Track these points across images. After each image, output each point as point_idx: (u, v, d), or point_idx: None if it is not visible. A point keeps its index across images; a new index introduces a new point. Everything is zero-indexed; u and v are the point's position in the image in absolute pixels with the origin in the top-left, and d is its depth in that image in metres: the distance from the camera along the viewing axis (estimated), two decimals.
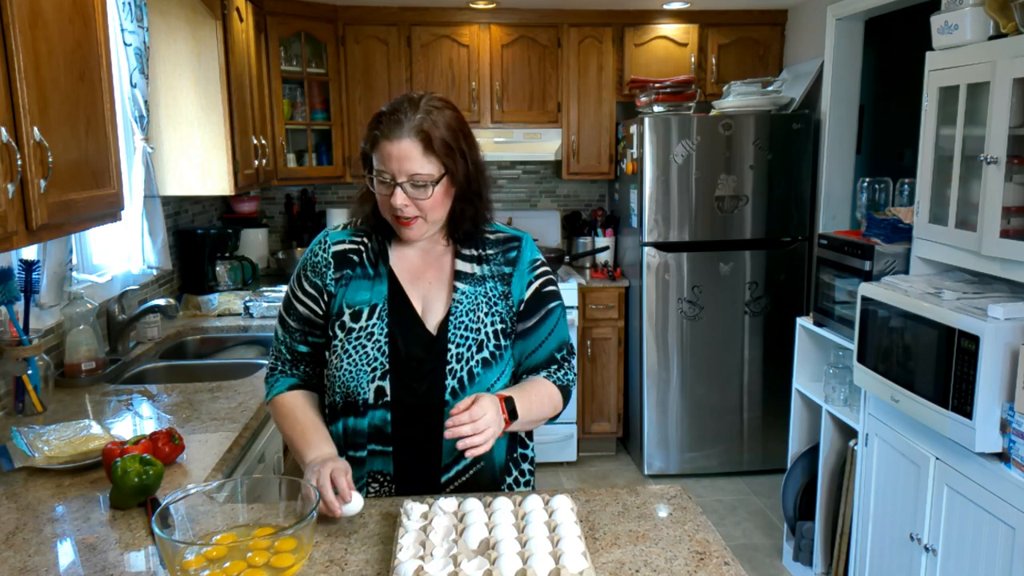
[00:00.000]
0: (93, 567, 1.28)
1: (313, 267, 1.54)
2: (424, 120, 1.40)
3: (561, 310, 1.59)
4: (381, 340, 1.48)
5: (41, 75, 1.54)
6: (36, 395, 2.03)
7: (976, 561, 2.09)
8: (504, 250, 1.56)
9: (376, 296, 1.51)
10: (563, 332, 1.59)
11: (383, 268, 1.53)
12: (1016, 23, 2.00)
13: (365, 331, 1.48)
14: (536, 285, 1.56)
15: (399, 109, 1.42)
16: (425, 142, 1.40)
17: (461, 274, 1.53)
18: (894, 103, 4.06)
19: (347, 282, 1.52)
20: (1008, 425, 1.96)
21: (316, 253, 1.56)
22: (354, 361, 1.47)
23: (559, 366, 1.57)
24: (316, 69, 4.01)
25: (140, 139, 2.74)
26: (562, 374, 1.57)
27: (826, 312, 2.89)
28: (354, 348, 1.48)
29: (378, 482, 1.52)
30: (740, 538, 3.42)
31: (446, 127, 1.42)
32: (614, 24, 4.14)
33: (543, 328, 1.56)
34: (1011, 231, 2.06)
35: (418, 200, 1.43)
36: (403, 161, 1.40)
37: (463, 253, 1.55)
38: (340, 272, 1.53)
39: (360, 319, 1.49)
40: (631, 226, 3.99)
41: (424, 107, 1.42)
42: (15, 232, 1.47)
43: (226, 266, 3.55)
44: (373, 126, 1.44)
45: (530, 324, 1.55)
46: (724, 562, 1.26)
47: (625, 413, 4.24)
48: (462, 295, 1.51)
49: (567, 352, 1.59)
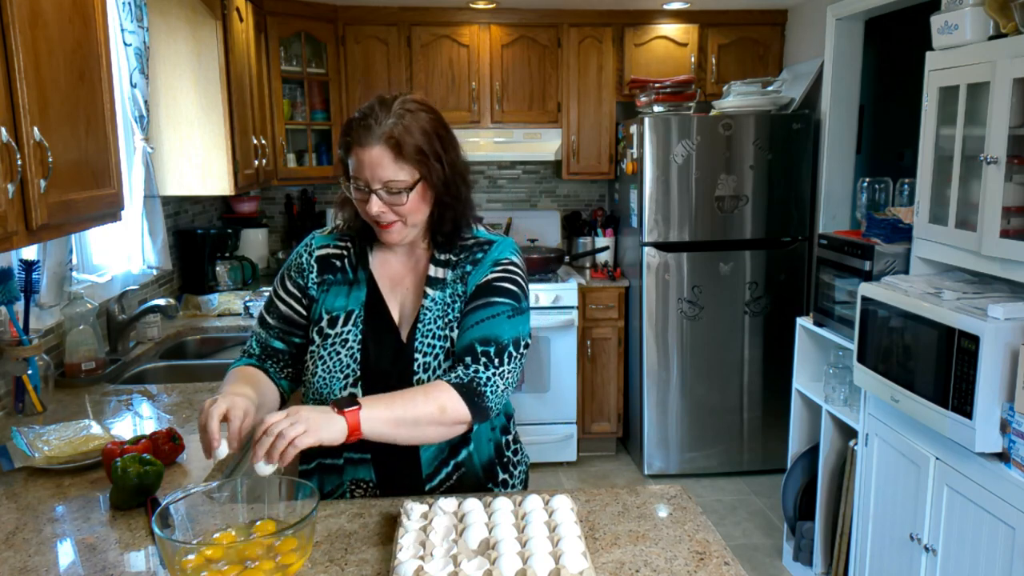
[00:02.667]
0: (93, 567, 1.28)
1: (297, 268, 1.54)
2: (395, 126, 1.35)
3: (510, 311, 1.45)
4: (354, 347, 1.46)
5: (41, 75, 1.54)
6: (36, 395, 2.03)
7: (976, 561, 2.09)
8: (473, 252, 1.51)
9: (353, 302, 1.50)
10: (498, 329, 1.43)
11: (363, 274, 1.52)
12: (1016, 23, 2.00)
13: (340, 337, 1.47)
14: (490, 276, 1.47)
15: (369, 114, 1.37)
16: (395, 149, 1.35)
17: (433, 280, 1.50)
18: (894, 103, 4.06)
19: (328, 287, 1.52)
20: (1008, 425, 1.96)
21: (301, 255, 1.55)
22: (328, 368, 1.47)
23: (475, 359, 1.40)
24: (316, 69, 4.01)
25: (140, 139, 2.74)
26: (472, 371, 1.39)
27: (826, 312, 2.89)
28: (328, 354, 1.47)
29: (362, 488, 1.51)
30: (740, 538, 3.42)
31: (420, 131, 1.37)
32: (614, 24, 4.14)
33: (474, 315, 1.44)
34: (1011, 231, 2.06)
35: (394, 206, 1.40)
36: (375, 168, 1.36)
37: (437, 258, 1.51)
38: (322, 277, 1.52)
39: (336, 325, 1.48)
40: (631, 226, 3.99)
41: (396, 111, 1.37)
42: (15, 232, 1.47)
43: (226, 266, 3.55)
44: (345, 131, 1.40)
45: (466, 310, 1.46)
46: (724, 562, 1.26)
47: (625, 413, 4.24)
48: (431, 302, 1.48)
49: (495, 351, 1.41)
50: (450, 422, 1.38)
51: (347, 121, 1.42)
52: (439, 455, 1.49)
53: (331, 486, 1.53)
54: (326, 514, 1.41)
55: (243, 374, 1.49)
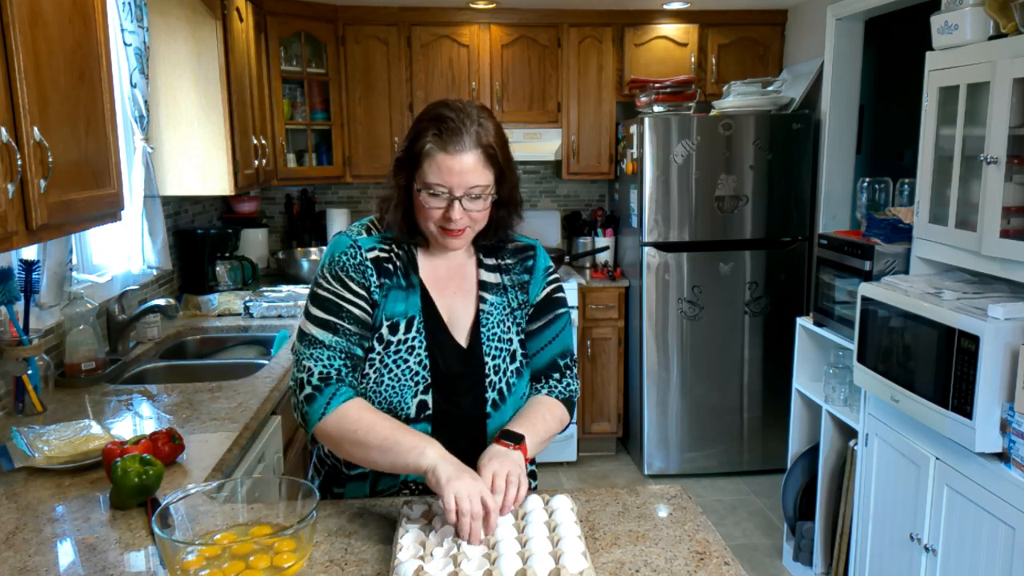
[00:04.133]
0: (93, 567, 1.28)
1: (356, 269, 1.43)
2: (481, 132, 1.36)
3: (568, 318, 1.59)
4: (422, 354, 1.44)
5: (41, 75, 1.54)
6: (36, 395, 2.03)
7: (976, 561, 2.09)
8: (522, 259, 1.56)
9: (411, 308, 1.46)
10: (568, 340, 1.58)
11: (415, 278, 1.48)
12: (1016, 23, 2.00)
13: (405, 344, 1.44)
14: (548, 290, 1.57)
15: (455, 118, 1.35)
16: (487, 154, 1.37)
17: (486, 284, 1.51)
18: (894, 103, 4.06)
19: (387, 292, 1.45)
20: (1008, 425, 1.96)
21: (354, 256, 1.44)
22: (396, 376, 1.43)
23: (562, 374, 1.55)
24: (316, 69, 4.01)
25: (140, 139, 2.74)
26: (564, 385, 1.55)
27: (826, 312, 2.89)
28: (394, 362, 1.43)
29: (409, 489, 1.51)
30: (740, 538, 3.42)
31: (497, 138, 1.39)
32: (614, 24, 4.14)
33: (549, 331, 1.55)
34: (1011, 231, 2.06)
35: (471, 212, 1.39)
36: (466, 175, 1.35)
37: (485, 263, 1.53)
38: (380, 280, 1.45)
39: (398, 331, 1.44)
40: (631, 226, 3.99)
41: (475, 117, 1.37)
42: (15, 232, 1.47)
43: (226, 266, 3.55)
44: (424, 134, 1.36)
45: (537, 326, 1.55)
46: (724, 562, 1.26)
47: (625, 413, 4.24)
48: (490, 306, 1.50)
49: (571, 360, 1.58)
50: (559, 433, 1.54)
51: (426, 122, 1.38)
52: None
53: (384, 485, 1.51)
54: (326, 514, 1.41)
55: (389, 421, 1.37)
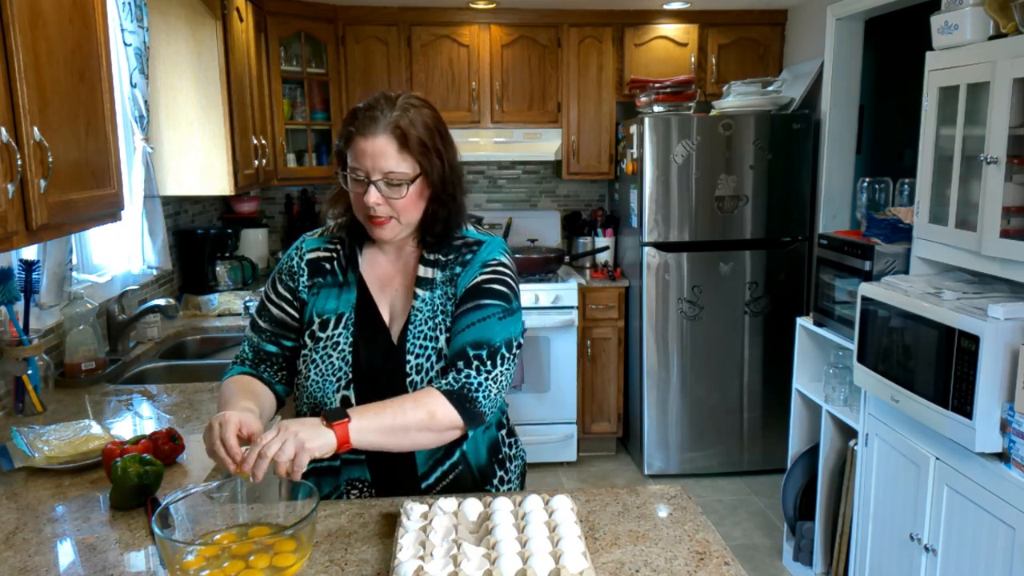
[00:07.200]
0: (93, 567, 1.28)
1: (288, 272, 1.54)
2: (401, 117, 1.37)
3: (500, 313, 1.44)
4: (346, 350, 1.47)
5: (41, 75, 1.54)
6: (36, 395, 2.03)
7: (976, 561, 2.09)
8: (463, 253, 1.50)
9: (344, 305, 1.50)
10: (490, 332, 1.42)
11: (352, 276, 1.51)
12: (1016, 23, 2.00)
13: (331, 340, 1.48)
14: (481, 278, 1.46)
15: (375, 106, 1.39)
16: (401, 140, 1.37)
17: (422, 280, 1.49)
18: (894, 103, 4.07)
19: (318, 290, 1.52)
20: (1008, 425, 1.96)
21: (291, 258, 1.55)
22: (320, 371, 1.47)
23: (468, 365, 1.40)
24: (316, 69, 4.01)
25: (140, 139, 2.74)
26: (464, 376, 1.39)
27: (826, 312, 2.89)
28: (320, 358, 1.48)
29: (357, 489, 1.52)
30: (740, 538, 3.42)
31: (423, 126, 1.39)
32: (614, 24, 4.14)
33: (467, 318, 1.44)
34: (1011, 231, 2.06)
35: (392, 200, 1.40)
36: (377, 158, 1.37)
37: (426, 258, 1.50)
38: (312, 280, 1.52)
39: (327, 328, 1.48)
40: (631, 226, 3.99)
41: (401, 105, 1.39)
42: (15, 232, 1.47)
43: (226, 266, 3.55)
44: (348, 122, 1.41)
45: (457, 313, 1.46)
46: (724, 562, 1.26)
47: (625, 413, 4.24)
48: (422, 302, 1.48)
49: (487, 354, 1.41)
50: (441, 428, 1.38)
51: (351, 111, 1.42)
52: (434, 454, 1.50)
53: (328, 488, 1.53)
54: (326, 514, 1.41)
55: (240, 385, 1.48)
